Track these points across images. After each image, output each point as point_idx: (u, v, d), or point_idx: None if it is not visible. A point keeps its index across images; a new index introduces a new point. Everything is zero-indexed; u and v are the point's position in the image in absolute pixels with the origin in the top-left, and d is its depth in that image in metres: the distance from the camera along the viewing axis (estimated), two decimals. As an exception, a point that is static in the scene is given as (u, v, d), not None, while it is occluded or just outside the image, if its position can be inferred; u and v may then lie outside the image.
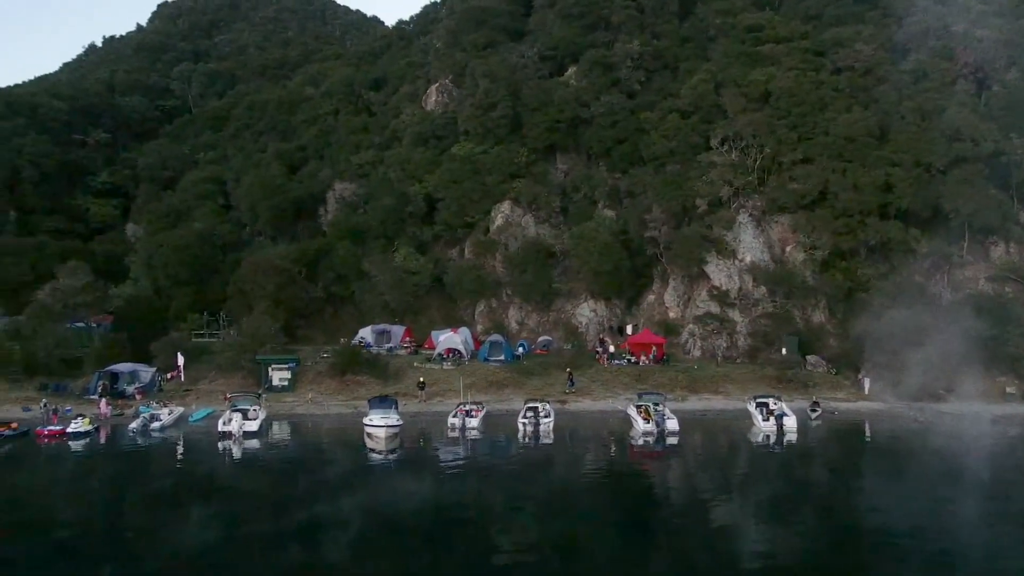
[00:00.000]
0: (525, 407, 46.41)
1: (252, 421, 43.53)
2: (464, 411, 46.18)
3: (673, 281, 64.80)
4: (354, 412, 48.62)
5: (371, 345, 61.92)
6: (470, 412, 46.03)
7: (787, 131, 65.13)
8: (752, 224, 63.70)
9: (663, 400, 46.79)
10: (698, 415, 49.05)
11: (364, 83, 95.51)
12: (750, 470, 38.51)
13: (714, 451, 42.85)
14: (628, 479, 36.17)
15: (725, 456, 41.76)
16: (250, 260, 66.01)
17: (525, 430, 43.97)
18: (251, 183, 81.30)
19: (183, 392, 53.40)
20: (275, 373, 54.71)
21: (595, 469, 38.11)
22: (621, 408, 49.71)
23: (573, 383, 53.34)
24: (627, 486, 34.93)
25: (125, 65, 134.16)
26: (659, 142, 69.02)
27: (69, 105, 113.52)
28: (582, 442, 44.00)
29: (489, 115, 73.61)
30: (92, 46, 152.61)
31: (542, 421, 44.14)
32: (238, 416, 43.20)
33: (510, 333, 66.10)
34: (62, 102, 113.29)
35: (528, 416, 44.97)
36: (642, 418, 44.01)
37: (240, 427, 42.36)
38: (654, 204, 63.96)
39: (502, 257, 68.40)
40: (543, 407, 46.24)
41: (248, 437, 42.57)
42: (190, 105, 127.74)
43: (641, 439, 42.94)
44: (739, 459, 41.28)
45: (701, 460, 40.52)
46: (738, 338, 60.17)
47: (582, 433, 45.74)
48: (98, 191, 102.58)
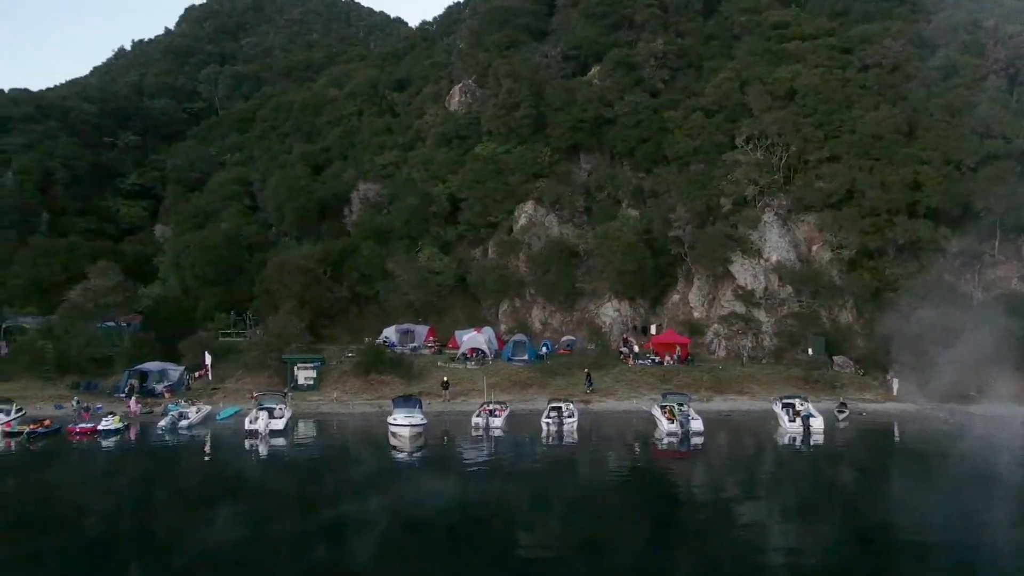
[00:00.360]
0: (549, 407, 46.37)
1: (278, 420, 43.93)
2: (488, 411, 46.23)
3: (698, 281, 64.38)
4: (379, 411, 48.88)
5: (395, 345, 62.24)
6: (494, 412, 46.07)
7: (813, 129, 64.43)
8: (778, 223, 63.10)
9: (687, 400, 46.51)
10: (723, 416, 48.66)
11: (388, 84, 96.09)
12: (776, 471, 38.14)
13: (739, 452, 42.51)
14: (652, 479, 36.04)
15: (750, 457, 41.42)
16: (276, 260, 66.61)
17: (548, 430, 43.92)
18: (276, 184, 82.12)
19: (210, 391, 54.03)
20: (301, 372, 55.17)
21: (619, 469, 37.98)
22: (645, 408, 49.49)
23: (591, 383, 53.20)
24: (651, 487, 34.79)
25: (153, 68, 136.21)
26: (683, 141, 68.62)
27: (99, 108, 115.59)
28: (606, 442, 43.85)
29: (512, 115, 73.66)
30: (121, 50, 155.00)
31: (566, 421, 44.08)
32: (264, 415, 43.63)
33: (533, 333, 66.06)
34: (92, 105, 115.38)
35: (552, 416, 44.91)
36: (666, 418, 43.78)
37: (266, 426, 42.77)
38: (678, 203, 63.61)
39: (525, 257, 68.41)
40: (567, 407, 46.15)
41: (274, 435, 42.98)
42: (216, 107, 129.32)
43: (665, 440, 42.70)
44: (765, 460, 40.91)
45: (726, 461, 40.18)
46: (763, 338, 59.63)
47: (606, 433, 45.59)
48: (127, 192, 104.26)
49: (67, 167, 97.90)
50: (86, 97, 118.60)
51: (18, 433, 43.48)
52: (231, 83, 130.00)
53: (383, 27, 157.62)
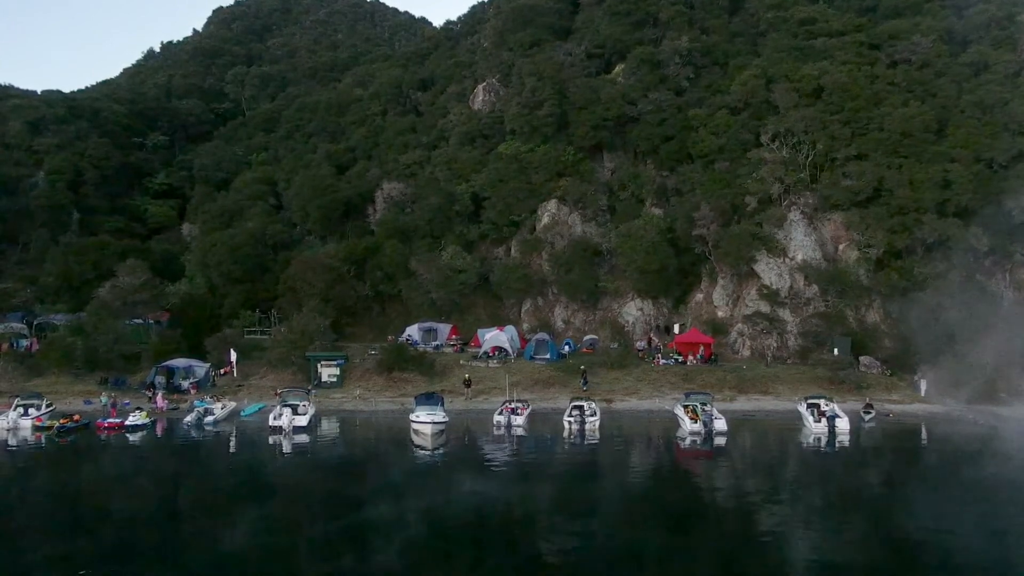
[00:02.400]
0: (571, 406, 46.24)
1: (302, 416, 44.27)
2: (510, 409, 46.20)
3: (722, 280, 63.81)
4: (401, 409, 49.10)
5: (417, 343, 62.45)
6: (515, 410, 46.03)
7: (840, 126, 63.62)
8: (803, 222, 62.35)
9: (711, 400, 46.10)
10: (747, 416, 48.23)
11: (412, 84, 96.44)
12: (800, 473, 37.64)
13: (763, 453, 42.10)
14: (675, 480, 35.79)
15: (774, 458, 40.94)
16: (300, 259, 67.17)
17: (571, 429, 43.79)
18: (301, 183, 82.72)
19: (235, 387, 54.62)
20: (324, 370, 55.56)
21: (641, 469, 37.82)
22: (668, 408, 49.20)
23: (587, 382, 52.88)
24: (674, 488, 34.52)
25: (182, 70, 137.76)
26: (708, 139, 68.08)
27: (128, 109, 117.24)
28: (628, 441, 43.66)
29: (536, 113, 73.52)
30: (151, 51, 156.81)
31: (588, 420, 43.91)
32: (288, 411, 43.98)
33: (556, 332, 65.98)
34: (121, 106, 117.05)
35: (574, 415, 44.77)
36: (689, 418, 43.44)
37: (290, 422, 43.10)
38: (703, 202, 63.10)
39: (548, 256, 68.27)
40: (589, 406, 45.99)
41: (297, 432, 43.29)
42: (243, 108, 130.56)
43: (688, 439, 42.39)
44: (789, 461, 40.39)
45: (749, 462, 39.73)
46: (788, 338, 58.97)
47: (628, 432, 45.39)
48: (156, 192, 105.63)
49: (97, 167, 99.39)
50: (116, 98, 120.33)
51: (48, 428, 44.33)
52: (257, 84, 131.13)
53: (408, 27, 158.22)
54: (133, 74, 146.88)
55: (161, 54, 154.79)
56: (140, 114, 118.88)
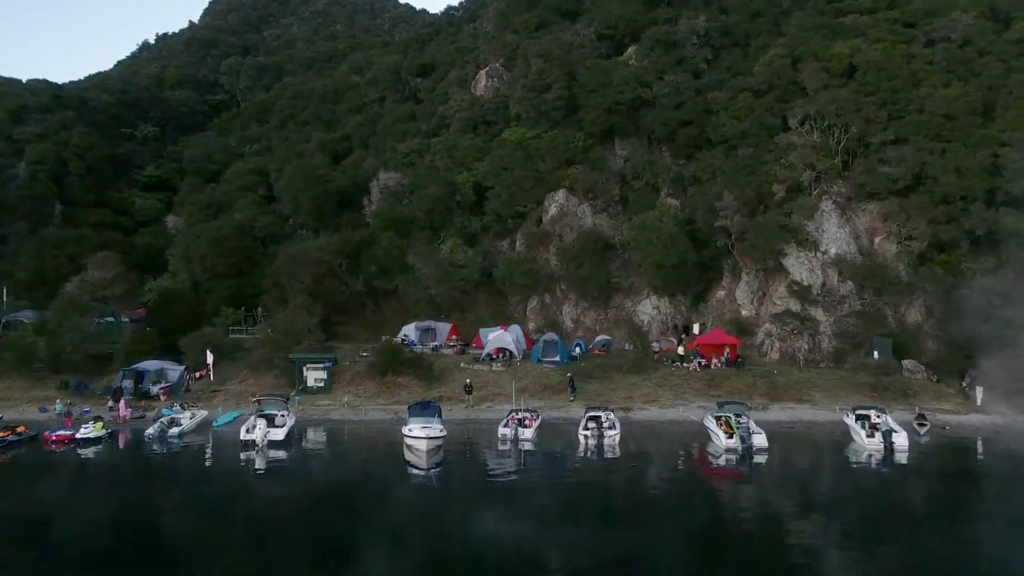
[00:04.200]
0: (586, 416, 39.94)
1: (279, 429, 37.90)
2: (516, 419, 39.94)
3: (746, 275, 57.42)
4: (394, 418, 42.84)
5: (415, 343, 56.26)
6: (523, 421, 39.76)
7: (876, 109, 57.15)
8: (836, 212, 55.96)
9: (746, 411, 39.70)
10: (783, 427, 41.76)
11: (411, 70, 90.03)
12: (866, 504, 29.98)
13: (813, 476, 35.20)
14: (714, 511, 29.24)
15: (828, 483, 34.01)
16: (287, 252, 60.89)
17: (587, 444, 37.45)
18: (292, 173, 76.38)
19: (211, 392, 48.32)
20: (310, 373, 49.27)
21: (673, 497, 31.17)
22: (694, 418, 42.88)
23: (575, 389, 46.60)
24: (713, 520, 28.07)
25: (176, 60, 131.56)
26: (729, 124, 61.67)
27: (118, 99, 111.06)
28: (653, 459, 37.29)
29: (543, 97, 67.15)
30: (145, 43, 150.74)
31: (606, 434, 37.53)
32: (263, 423, 37.57)
33: (564, 332, 59.73)
34: (111, 96, 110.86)
35: (590, 428, 38.42)
36: (723, 432, 37.05)
37: (264, 436, 36.74)
38: (725, 190, 56.68)
39: (556, 249, 61.95)
40: (607, 416, 39.66)
41: (274, 447, 36.94)
42: (238, 99, 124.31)
43: (723, 457, 36.02)
44: (847, 488, 33.07)
45: (799, 488, 32.69)
46: (821, 339, 52.61)
47: (652, 448, 39.05)
48: (145, 185, 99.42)
49: (82, 158, 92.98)
50: (105, 88, 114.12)
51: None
52: (253, 74, 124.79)
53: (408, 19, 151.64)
54: (127, 66, 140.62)
55: (156, 46, 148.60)
56: (130, 105, 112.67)
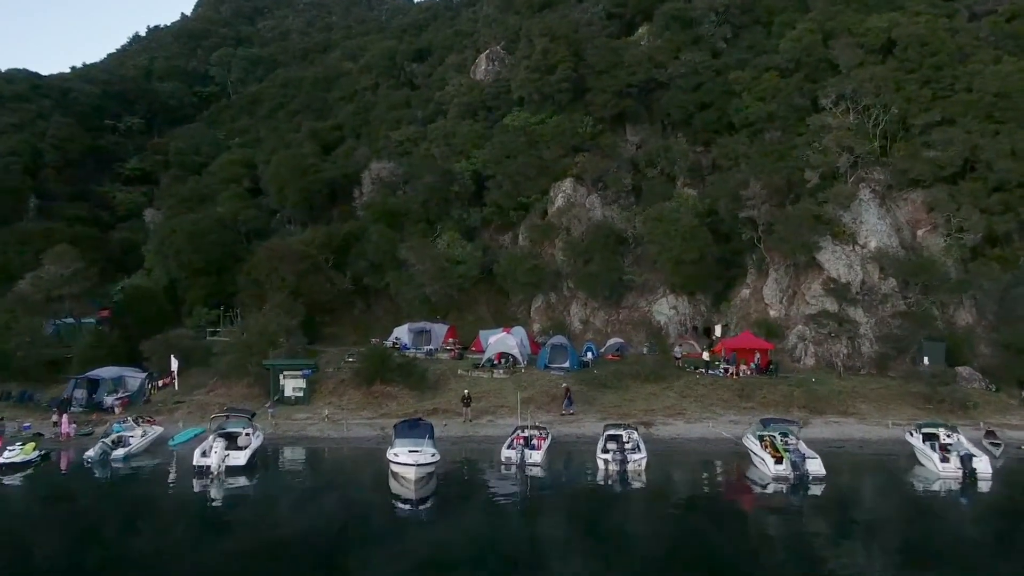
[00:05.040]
0: (605, 435, 33.37)
1: (240, 451, 31.23)
2: (522, 438, 33.42)
3: (775, 272, 51.00)
4: (379, 435, 36.37)
5: (407, 347, 49.83)
6: (530, 440, 33.24)
7: (918, 87, 50.90)
8: (875, 202, 49.62)
9: (797, 430, 33.15)
10: (832, 447, 34.97)
11: (407, 55, 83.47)
12: (969, 557, 22.82)
13: (889, 514, 27.23)
14: (775, 569, 22.48)
15: (913, 526, 26.12)
16: (267, 246, 54.36)
17: (608, 470, 30.90)
18: (279, 163, 69.85)
19: (173, 404, 41.73)
20: (287, 382, 42.72)
21: (723, 544, 24.25)
22: (728, 436, 36.39)
23: (571, 403, 39.98)
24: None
25: (165, 52, 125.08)
26: (753, 106, 55.29)
27: (101, 90, 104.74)
28: (688, 490, 30.70)
29: (547, 79, 60.75)
30: (136, 36, 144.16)
31: (631, 458, 30.91)
32: (221, 444, 30.94)
33: (572, 334, 53.33)
34: (94, 87, 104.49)
35: (610, 449, 31.86)
36: (771, 456, 30.54)
37: (222, 461, 30.15)
38: (751, 178, 50.25)
39: (563, 244, 55.69)
40: (629, 436, 33.07)
41: (234, 473, 30.36)
42: (229, 91, 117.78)
43: (770, 486, 29.51)
44: (940, 533, 25.40)
45: (878, 532, 25.15)
46: (862, 343, 46.24)
47: (684, 475, 32.51)
48: (127, 178, 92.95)
49: (59, 149, 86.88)
50: (88, 79, 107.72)
51: None
52: (245, 66, 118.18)
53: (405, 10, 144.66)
54: (115, 58, 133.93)
55: (146, 38, 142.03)
56: (116, 96, 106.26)
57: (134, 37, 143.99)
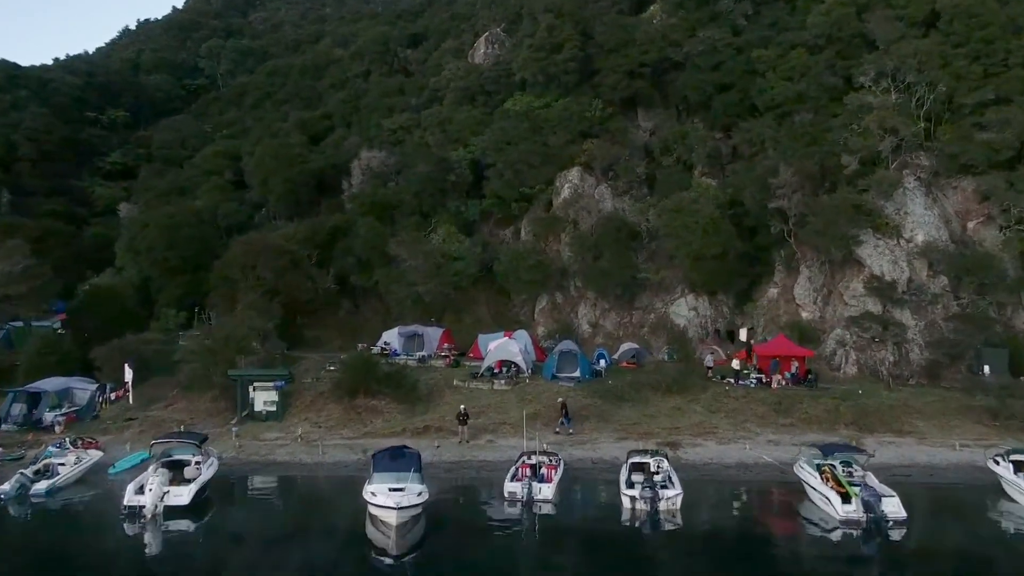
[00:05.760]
0: (629, 463, 27.24)
1: (183, 487, 25.00)
2: (528, 466, 27.38)
3: (807, 269, 44.98)
4: (361, 459, 30.29)
5: (397, 353, 43.85)
6: (539, 470, 27.16)
7: (967, 63, 44.85)
8: (920, 190, 43.61)
9: (864, 459, 26.91)
10: (896, 476, 28.74)
11: (400, 41, 77.36)
12: None
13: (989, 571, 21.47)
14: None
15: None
16: (242, 240, 48.32)
17: (634, 508, 24.75)
18: (262, 153, 63.83)
19: (123, 422, 35.57)
20: (258, 395, 36.58)
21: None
22: (769, 460, 30.26)
23: (569, 420, 33.77)
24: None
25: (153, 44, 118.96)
26: (780, 86, 49.28)
27: (84, 82, 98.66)
28: (736, 535, 24.51)
29: (553, 59, 54.84)
30: (126, 29, 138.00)
31: (662, 494, 24.68)
32: (160, 479, 24.73)
33: (580, 338, 47.38)
34: (76, 78, 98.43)
35: (636, 482, 25.72)
36: (836, 492, 24.41)
37: (159, 500, 23.99)
38: (781, 164, 44.22)
39: (570, 238, 49.88)
40: (658, 464, 26.91)
41: (174, 516, 24.19)
42: (219, 84, 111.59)
43: (838, 531, 23.42)
44: None
45: None
46: (910, 349, 40.23)
47: (727, 513, 26.46)
48: (108, 173, 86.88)
49: (34, 141, 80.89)
50: (71, 70, 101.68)
51: None
52: (235, 58, 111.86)
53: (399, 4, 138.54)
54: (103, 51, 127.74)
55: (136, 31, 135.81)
56: (99, 88, 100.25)
57: (124, 31, 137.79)
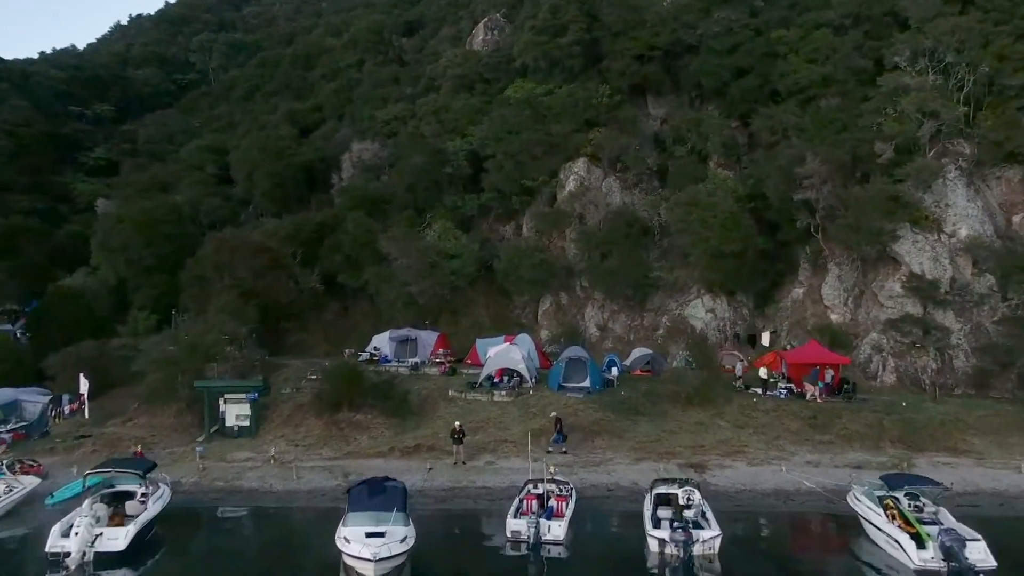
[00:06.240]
0: (653, 494, 22.85)
1: (120, 528, 20.63)
2: (535, 497, 23.02)
3: (837, 267, 40.65)
4: (341, 486, 25.92)
5: (388, 359, 39.51)
6: (547, 503, 22.80)
7: (1011, 41, 40.54)
8: (962, 180, 39.29)
9: (940, 492, 22.44)
10: (962, 506, 24.35)
11: (395, 29, 73.01)
12: None
13: None
14: None
15: None
16: (218, 237, 43.93)
17: (664, 554, 20.34)
18: (248, 146, 59.52)
19: (75, 440, 31.14)
20: (230, 408, 32.23)
21: None
22: (811, 485, 25.89)
23: (563, 438, 29.42)
24: None
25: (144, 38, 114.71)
26: (803, 69, 44.95)
27: (70, 75, 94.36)
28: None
29: (556, 42, 50.58)
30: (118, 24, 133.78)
31: (697, 535, 20.29)
32: (89, 520, 20.26)
33: (588, 342, 43.09)
34: (62, 72, 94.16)
35: (663, 518, 21.37)
36: (904, 532, 20.03)
37: (87, 545, 19.59)
38: (807, 153, 39.87)
39: (576, 235, 45.68)
40: (688, 495, 22.45)
41: (107, 565, 19.78)
42: (211, 79, 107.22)
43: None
44: None
45: None
46: (955, 355, 35.92)
47: (772, 557, 22.04)
48: (92, 169, 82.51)
49: (12, 135, 76.50)
50: (55, 64, 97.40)
51: None
52: (226, 52, 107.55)
53: None
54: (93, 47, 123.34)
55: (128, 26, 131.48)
56: (86, 82, 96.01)
57: (115, 26, 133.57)
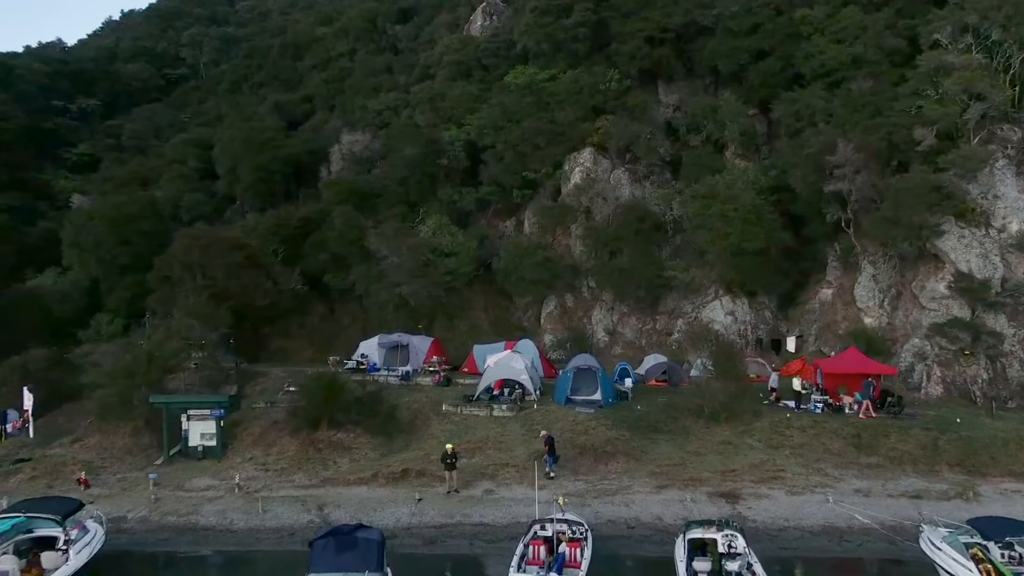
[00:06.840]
0: (686, 540, 18.56)
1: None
2: (542, 543, 18.80)
3: (871, 266, 36.42)
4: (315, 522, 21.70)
5: (376, 367, 35.29)
6: (558, 546, 18.59)
7: (1063, 17, 36.35)
8: (1011, 169, 35.12)
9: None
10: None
11: (389, 16, 68.80)
12: None
13: None
14: None
15: None
16: (189, 233, 39.67)
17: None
18: (231, 138, 55.30)
19: (11, 464, 26.82)
20: (194, 425, 27.99)
21: None
22: (864, 521, 21.71)
23: (555, 459, 25.14)
24: None
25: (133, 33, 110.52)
26: (830, 50, 40.70)
27: (54, 69, 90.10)
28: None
29: (560, 24, 46.31)
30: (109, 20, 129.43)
31: (747, 599, 16.18)
32: None
33: (596, 348, 38.96)
34: (45, 65, 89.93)
35: (701, 571, 17.16)
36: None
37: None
38: (839, 139, 35.67)
39: (582, 231, 41.54)
40: (729, 541, 18.17)
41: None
42: (202, 74, 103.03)
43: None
44: None
45: None
46: (1008, 364, 31.74)
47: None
48: (75, 165, 78.43)
49: (-15, 129, 72.34)
50: (40, 57, 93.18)
51: None
52: (217, 46, 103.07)
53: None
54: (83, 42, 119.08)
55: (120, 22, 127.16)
56: (72, 76, 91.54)
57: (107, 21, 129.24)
